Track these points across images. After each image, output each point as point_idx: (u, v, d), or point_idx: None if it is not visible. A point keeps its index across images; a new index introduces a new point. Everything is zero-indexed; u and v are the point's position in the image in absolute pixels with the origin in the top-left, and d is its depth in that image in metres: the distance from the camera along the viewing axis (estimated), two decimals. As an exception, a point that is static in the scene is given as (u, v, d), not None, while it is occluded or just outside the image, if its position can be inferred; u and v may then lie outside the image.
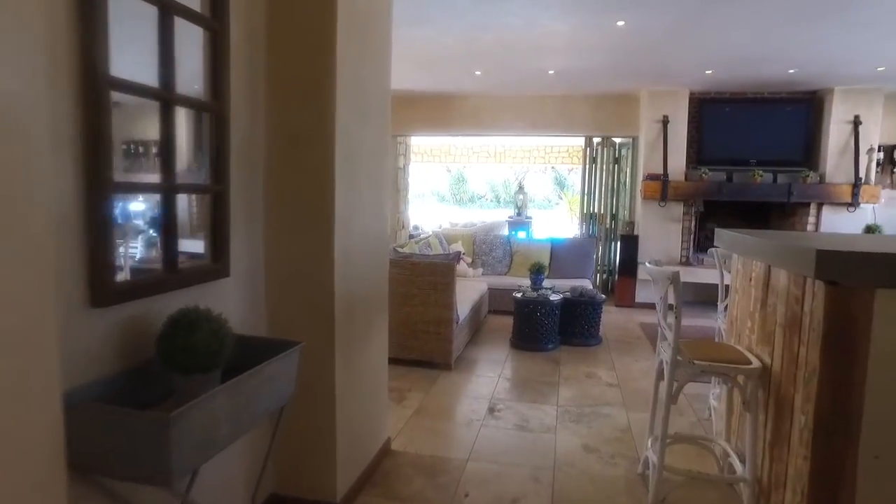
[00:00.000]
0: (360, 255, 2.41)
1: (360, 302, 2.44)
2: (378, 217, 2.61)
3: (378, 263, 2.66)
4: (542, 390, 3.85)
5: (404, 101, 7.47)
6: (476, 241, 6.87)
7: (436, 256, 4.46)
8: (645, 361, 4.57)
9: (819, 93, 6.21)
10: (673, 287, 2.15)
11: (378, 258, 2.65)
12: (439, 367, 4.22)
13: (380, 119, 2.58)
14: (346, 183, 2.21)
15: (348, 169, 2.23)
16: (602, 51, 4.97)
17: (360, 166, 2.36)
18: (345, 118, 2.16)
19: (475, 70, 5.84)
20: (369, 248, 2.52)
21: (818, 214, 6.24)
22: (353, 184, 2.29)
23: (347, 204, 2.23)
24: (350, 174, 2.25)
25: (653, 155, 6.52)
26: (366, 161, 2.42)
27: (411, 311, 4.21)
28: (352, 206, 2.28)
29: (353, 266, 2.32)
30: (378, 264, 2.66)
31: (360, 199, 2.38)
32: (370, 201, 2.49)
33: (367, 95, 2.42)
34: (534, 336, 4.77)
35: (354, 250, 2.34)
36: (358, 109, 2.31)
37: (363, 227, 2.42)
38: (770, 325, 2.17)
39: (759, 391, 2.17)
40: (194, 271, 1.75)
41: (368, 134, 2.44)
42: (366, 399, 2.54)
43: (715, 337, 3.29)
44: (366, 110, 2.40)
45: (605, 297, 5.12)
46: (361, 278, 2.44)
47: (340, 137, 2.13)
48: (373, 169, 2.51)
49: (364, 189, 2.41)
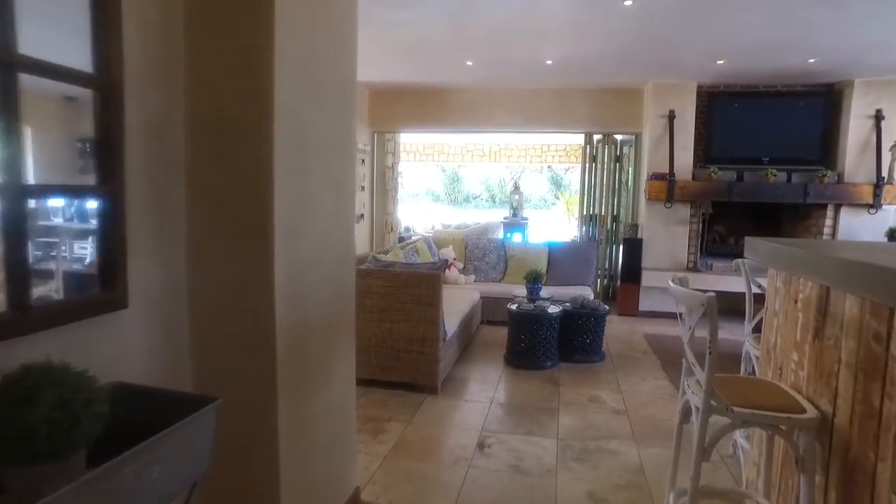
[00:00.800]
0: (315, 272, 1.93)
1: (316, 331, 1.96)
2: (341, 225, 2.14)
3: (342, 282, 2.18)
4: (540, 419, 3.39)
5: (391, 95, 7.00)
6: (468, 245, 6.40)
7: (420, 266, 4.00)
8: (653, 381, 4.11)
9: (837, 85, 5.76)
10: (708, 316, 1.68)
11: (341, 275, 2.17)
12: (424, 390, 3.75)
13: (342, 105, 2.10)
14: (293, 183, 1.74)
15: (297, 165, 1.76)
16: (605, 37, 4.50)
17: (313, 162, 1.89)
18: (290, 101, 1.69)
19: (466, 60, 5.37)
20: (328, 264, 2.05)
21: (836, 217, 5.80)
22: (304, 184, 1.82)
23: (294, 209, 1.76)
24: (299, 172, 1.78)
25: (658, 153, 6.06)
26: (322, 156, 1.95)
27: (393, 327, 3.74)
28: (301, 212, 1.81)
29: (304, 287, 1.85)
30: (342, 283, 2.18)
31: (315, 202, 1.91)
32: (329, 206, 2.02)
33: (325, 76, 1.94)
34: (530, 353, 4.31)
35: (306, 267, 1.86)
36: (311, 92, 1.84)
37: (319, 238, 1.95)
38: (830, 363, 1.71)
39: (815, 446, 1.71)
40: (63, 306, 1.28)
41: (325, 122, 1.96)
42: (324, 448, 2.07)
43: (742, 364, 2.83)
44: (322, 94, 1.93)
45: (608, 309, 4.66)
46: (318, 302, 1.96)
47: (284, 125, 1.66)
48: (332, 166, 2.04)
49: (320, 190, 1.94)
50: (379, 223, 7.58)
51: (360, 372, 3.86)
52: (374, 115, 7.11)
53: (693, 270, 6.06)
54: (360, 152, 6.85)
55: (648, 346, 5.04)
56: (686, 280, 2.06)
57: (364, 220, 7.17)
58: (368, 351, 3.79)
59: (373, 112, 7.09)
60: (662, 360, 4.64)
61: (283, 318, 1.71)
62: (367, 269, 3.80)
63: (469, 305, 4.87)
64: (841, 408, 1.63)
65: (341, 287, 2.19)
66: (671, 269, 6.11)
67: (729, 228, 6.66)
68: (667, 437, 3.12)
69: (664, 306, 6.16)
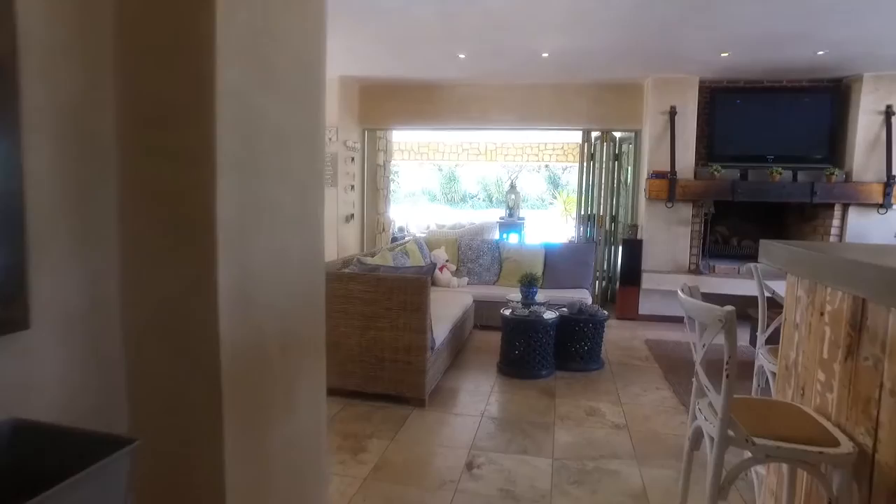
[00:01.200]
0: (273, 282, 1.68)
1: (275, 349, 1.71)
2: (306, 228, 1.89)
3: (308, 292, 1.93)
4: (534, 435, 3.14)
5: (382, 90, 6.75)
6: (461, 246, 6.15)
7: (407, 270, 3.75)
8: (655, 392, 3.87)
9: (845, 80, 5.53)
10: (727, 334, 1.44)
11: (307, 285, 1.92)
12: (410, 402, 3.50)
13: (305, 93, 1.85)
14: (241, 178, 1.49)
15: (246, 158, 1.51)
16: (604, 27, 4.26)
17: (268, 156, 1.63)
18: (236, 82, 1.44)
19: (458, 53, 5.13)
20: (290, 272, 1.80)
21: (843, 217, 5.57)
22: (255, 181, 1.57)
23: (244, 209, 1.51)
24: (249, 166, 1.53)
25: (658, 150, 5.82)
26: (280, 150, 1.70)
27: (377, 335, 3.49)
28: (252, 213, 1.56)
29: (257, 299, 1.60)
30: (308, 293, 1.93)
31: (271, 202, 1.66)
32: (290, 206, 1.77)
33: (282, 56, 1.69)
34: (525, 361, 4.07)
35: (260, 276, 1.61)
36: (263, 74, 1.59)
37: (276, 243, 1.70)
38: (868, 388, 1.47)
39: (852, 486, 1.47)
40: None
41: (283, 111, 1.71)
42: (287, 481, 1.82)
43: (753, 379, 2.59)
44: (278, 77, 1.68)
45: (607, 315, 4.42)
46: (276, 315, 1.71)
47: (228, 110, 1.41)
48: (294, 162, 1.79)
49: (277, 189, 1.69)
50: (370, 223, 7.33)
51: (342, 383, 3.64)
52: (365, 112, 6.86)
53: (695, 273, 5.82)
54: (350, 150, 6.60)
55: (649, 353, 4.80)
56: (696, 289, 1.82)
57: (354, 220, 6.92)
58: (351, 361, 3.55)
59: (363, 108, 6.85)
60: (664, 367, 4.40)
61: (229, 336, 1.46)
62: (350, 273, 3.56)
63: (461, 310, 4.62)
64: (884, 442, 1.39)
65: (308, 298, 1.94)
66: (672, 272, 5.87)
67: (731, 229, 6.42)
68: (671, 456, 2.89)
69: (665, 310, 5.92)
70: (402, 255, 4.98)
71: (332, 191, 6.38)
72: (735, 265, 5.79)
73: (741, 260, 6.07)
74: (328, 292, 3.61)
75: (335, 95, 6.24)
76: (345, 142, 6.44)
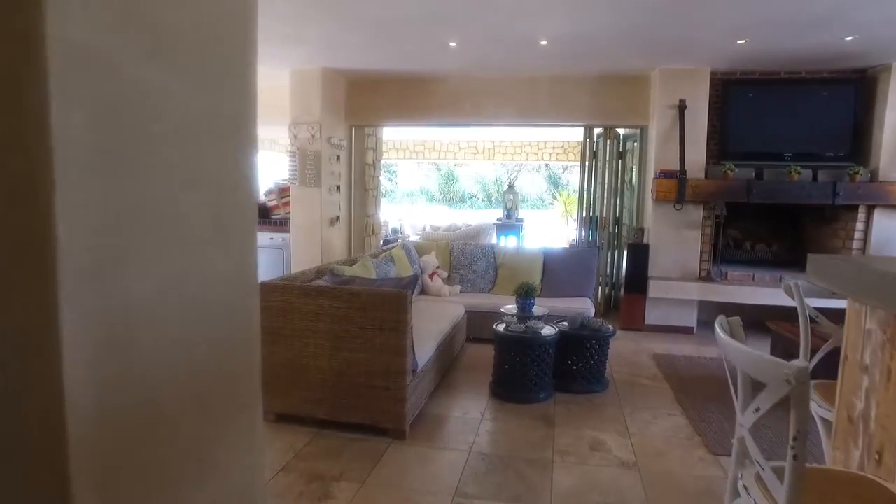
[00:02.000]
0: (170, 316, 1.24)
1: (175, 405, 1.27)
2: (225, 242, 1.44)
3: (231, 321, 1.48)
4: (529, 477, 2.70)
5: (369, 84, 6.31)
6: (453, 251, 5.70)
7: (385, 282, 3.31)
8: (667, 418, 3.43)
9: (871, 71, 5.09)
10: (796, 401, 1.00)
11: (230, 313, 1.47)
12: (388, 433, 3.06)
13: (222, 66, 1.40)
14: (108, 181, 1.04)
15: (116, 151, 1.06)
16: (609, 8, 3.82)
17: (166, 149, 1.19)
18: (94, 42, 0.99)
19: (449, 41, 4.69)
20: (202, 304, 1.34)
21: (868, 220, 5.12)
22: (136, 184, 1.12)
23: (115, 223, 1.06)
24: (123, 163, 1.08)
25: (666, 148, 5.38)
26: (182, 143, 1.25)
27: (350, 357, 3.05)
28: (131, 227, 1.11)
29: (142, 341, 1.15)
30: (231, 323, 1.48)
31: (166, 211, 1.21)
32: (199, 217, 1.32)
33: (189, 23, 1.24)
34: (520, 383, 3.62)
35: (148, 311, 1.16)
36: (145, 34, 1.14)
37: (177, 265, 1.25)
38: None
39: None
40: None
41: (185, 90, 1.25)
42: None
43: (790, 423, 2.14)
44: (174, 41, 1.23)
45: (612, 331, 3.97)
46: (177, 360, 1.27)
47: (77, 80, 0.96)
48: (207, 158, 1.34)
49: (178, 195, 1.23)
50: (358, 226, 6.89)
51: (311, 411, 3.20)
52: (352, 108, 6.42)
53: (706, 280, 5.38)
54: (335, 148, 6.16)
55: (658, 370, 4.36)
56: (738, 327, 1.38)
57: (340, 222, 6.48)
58: (322, 386, 3.11)
59: (350, 104, 6.41)
60: (675, 387, 3.96)
61: (87, 400, 1.01)
62: (319, 287, 3.11)
63: (450, 323, 4.18)
64: None
65: (232, 329, 1.48)
66: (681, 279, 5.43)
67: (744, 232, 5.98)
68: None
69: (673, 320, 5.50)
70: (387, 263, 4.54)
71: (314, 191, 5.95)
72: (749, 272, 5.35)
73: (755, 266, 5.64)
74: (295, 308, 3.17)
75: (318, 90, 5.81)
76: (329, 139, 6.00)
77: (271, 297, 3.13)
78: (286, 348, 3.14)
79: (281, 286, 3.15)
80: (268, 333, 3.18)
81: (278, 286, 3.16)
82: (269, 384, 3.23)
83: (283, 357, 3.15)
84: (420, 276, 5.28)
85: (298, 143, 5.92)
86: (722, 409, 3.50)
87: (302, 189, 5.97)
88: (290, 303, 3.10)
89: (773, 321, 4.17)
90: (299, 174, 5.94)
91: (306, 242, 6.05)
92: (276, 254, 6.26)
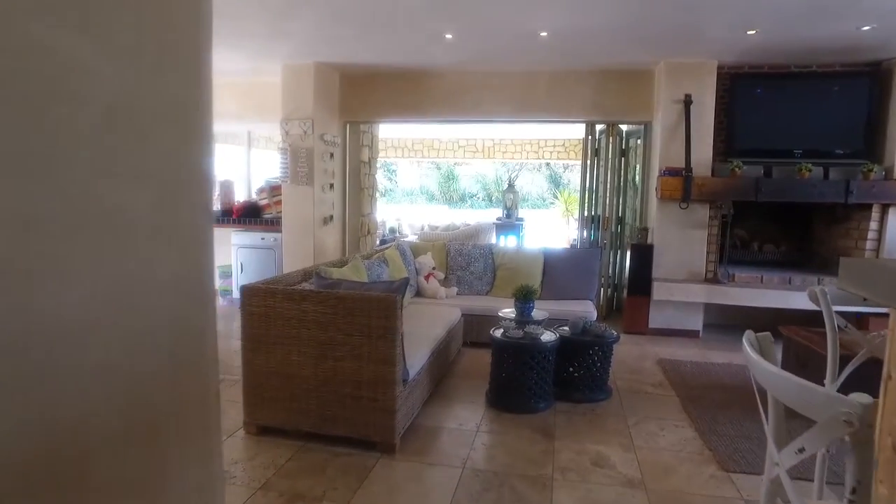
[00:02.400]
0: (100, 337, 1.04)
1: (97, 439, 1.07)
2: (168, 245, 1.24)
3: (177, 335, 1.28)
4: (527, 496, 2.50)
5: (363, 80, 6.11)
6: (450, 252, 5.50)
7: (374, 286, 3.11)
8: (674, 429, 3.23)
9: (885, 63, 4.88)
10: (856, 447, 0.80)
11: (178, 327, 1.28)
12: (377, 447, 2.87)
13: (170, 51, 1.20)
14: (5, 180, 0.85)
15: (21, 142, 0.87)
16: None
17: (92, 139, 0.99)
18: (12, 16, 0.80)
19: (445, 32, 4.49)
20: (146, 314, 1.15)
21: (882, 220, 4.92)
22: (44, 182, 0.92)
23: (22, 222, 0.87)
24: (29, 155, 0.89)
25: (671, 145, 5.18)
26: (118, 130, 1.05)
27: (336, 366, 2.86)
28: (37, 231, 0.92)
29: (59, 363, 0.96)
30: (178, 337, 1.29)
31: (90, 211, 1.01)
32: (139, 214, 1.13)
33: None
34: (518, 393, 3.43)
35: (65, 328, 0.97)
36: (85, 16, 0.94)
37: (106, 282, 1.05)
38: None
39: None
40: None
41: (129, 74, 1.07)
42: None
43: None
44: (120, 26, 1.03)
45: (616, 336, 3.77)
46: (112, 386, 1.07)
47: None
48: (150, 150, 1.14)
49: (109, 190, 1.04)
50: (353, 226, 6.69)
51: (295, 423, 3.00)
52: (346, 104, 6.22)
53: (713, 282, 5.18)
54: (328, 145, 5.96)
55: (663, 377, 4.16)
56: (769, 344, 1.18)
57: (334, 222, 6.28)
58: (306, 397, 2.92)
59: (344, 100, 6.21)
60: (681, 395, 3.76)
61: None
62: (303, 291, 2.92)
63: (445, 328, 3.98)
64: None
65: (180, 349, 1.29)
66: (686, 281, 5.23)
67: (751, 232, 5.78)
68: (703, 531, 2.25)
69: (678, 323, 5.30)
70: (380, 264, 4.34)
71: (307, 190, 5.75)
72: (757, 273, 5.14)
73: (763, 267, 5.44)
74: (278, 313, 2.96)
75: (310, 85, 5.61)
76: (322, 136, 5.80)
77: (253, 301, 2.94)
78: (269, 356, 2.95)
79: (263, 290, 2.96)
80: (250, 340, 2.99)
81: (260, 290, 2.96)
82: (251, 394, 3.03)
83: (266, 366, 2.96)
84: (416, 278, 5.08)
85: (290, 139, 5.73)
86: (733, 421, 3.30)
87: (294, 187, 5.77)
88: (273, 308, 2.91)
89: (785, 326, 3.96)
90: (291, 172, 5.74)
91: (298, 242, 5.85)
92: (268, 254, 6.07)
